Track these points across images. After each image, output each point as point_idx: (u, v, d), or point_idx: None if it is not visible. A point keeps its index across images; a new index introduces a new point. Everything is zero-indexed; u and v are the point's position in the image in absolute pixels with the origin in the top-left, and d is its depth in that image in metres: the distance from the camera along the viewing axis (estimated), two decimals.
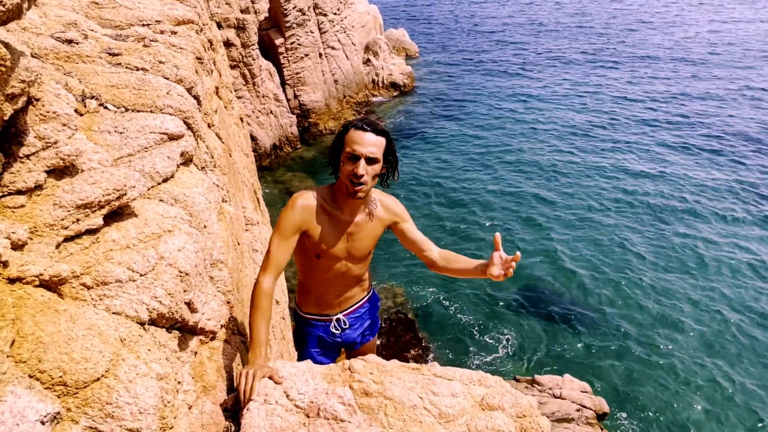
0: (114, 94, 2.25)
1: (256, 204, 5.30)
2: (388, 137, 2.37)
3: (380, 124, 2.40)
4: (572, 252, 12.18)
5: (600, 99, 21.57)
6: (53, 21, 2.55)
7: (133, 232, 1.75)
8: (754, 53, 26.42)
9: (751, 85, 21.63)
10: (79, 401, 1.30)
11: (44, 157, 1.56)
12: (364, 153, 2.26)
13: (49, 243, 1.53)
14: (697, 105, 20.32)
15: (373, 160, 2.29)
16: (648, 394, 8.70)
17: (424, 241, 2.58)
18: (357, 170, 2.26)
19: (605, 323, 10.16)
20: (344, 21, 20.94)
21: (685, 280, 11.14)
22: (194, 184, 2.25)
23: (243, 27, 16.10)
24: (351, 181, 2.29)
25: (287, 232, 2.33)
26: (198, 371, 1.94)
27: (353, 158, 2.28)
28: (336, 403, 1.84)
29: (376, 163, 2.31)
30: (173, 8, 3.50)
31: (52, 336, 1.33)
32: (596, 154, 16.85)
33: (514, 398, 2.06)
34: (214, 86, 4.00)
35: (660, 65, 25.59)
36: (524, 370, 9.23)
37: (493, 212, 13.98)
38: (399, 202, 2.64)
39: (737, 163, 15.87)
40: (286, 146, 18.00)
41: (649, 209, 13.76)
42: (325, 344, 2.80)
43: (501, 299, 10.90)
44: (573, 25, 35.89)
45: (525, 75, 25.24)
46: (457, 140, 18.58)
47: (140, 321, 1.61)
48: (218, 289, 2.22)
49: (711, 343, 9.61)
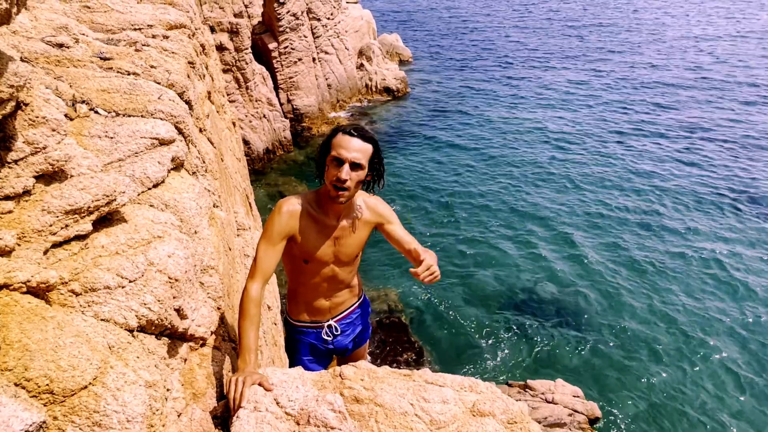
0: (105, 99, 2.24)
1: (248, 209, 5.29)
2: (376, 144, 2.38)
3: (370, 131, 2.40)
4: (565, 257, 12.23)
5: (593, 105, 21.72)
6: (44, 25, 2.53)
7: (123, 238, 1.73)
8: (756, 60, 26.65)
9: (752, 96, 21.75)
10: (66, 409, 1.29)
11: (33, 162, 1.55)
12: (349, 158, 2.26)
13: (37, 249, 1.51)
14: (688, 113, 20.50)
15: (358, 166, 2.29)
16: (640, 398, 8.73)
17: (410, 241, 2.56)
18: (340, 175, 2.25)
19: (598, 328, 10.20)
20: (338, 26, 20.98)
21: (678, 287, 11.21)
22: (185, 190, 2.24)
23: (236, 31, 16.10)
24: (334, 185, 2.29)
25: (274, 238, 2.33)
26: (188, 378, 1.93)
27: (338, 162, 2.28)
28: (326, 410, 1.83)
29: (360, 170, 2.30)
30: (165, 12, 3.50)
31: (39, 343, 1.31)
32: (588, 159, 16.95)
33: (505, 404, 2.05)
34: (206, 91, 3.99)
35: (658, 71, 25.82)
36: (517, 374, 9.24)
37: (484, 216, 14.02)
38: (384, 202, 2.64)
39: (733, 169, 16.02)
40: (279, 150, 17.98)
41: (640, 215, 13.84)
42: (317, 351, 2.79)
43: (494, 304, 10.92)
44: (567, 32, 36.16)
45: (518, 80, 25.38)
46: (450, 144, 18.64)
47: (129, 328, 1.60)
48: (209, 295, 2.20)
49: (704, 348, 9.67)
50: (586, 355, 9.62)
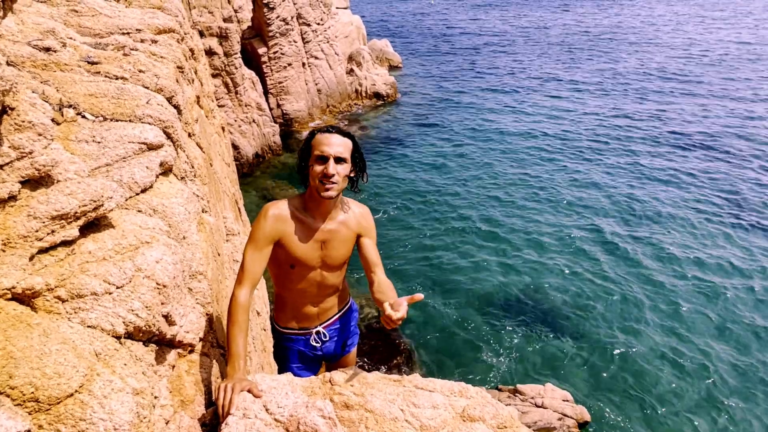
0: (92, 103, 2.22)
1: (237, 214, 5.26)
2: (354, 139, 2.46)
3: (344, 129, 2.48)
4: (554, 263, 12.30)
5: (580, 111, 21.93)
6: (30, 28, 2.51)
7: (110, 244, 1.72)
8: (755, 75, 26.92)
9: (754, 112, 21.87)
10: (51, 418, 1.27)
11: (19, 167, 1.53)
12: (332, 153, 2.33)
13: (23, 255, 1.49)
14: (678, 124, 20.77)
15: (342, 160, 2.36)
16: (629, 402, 8.78)
17: (375, 264, 2.55)
18: (327, 170, 2.31)
19: (587, 332, 10.25)
20: (328, 31, 21.01)
21: (667, 290, 11.31)
22: (173, 195, 2.22)
23: (226, 36, 16.07)
24: (321, 181, 2.33)
25: (261, 242, 2.34)
26: (176, 385, 1.91)
27: (322, 159, 2.34)
28: (316, 417, 1.82)
29: (344, 163, 2.38)
30: (154, 17, 3.48)
31: (24, 351, 1.29)
32: (578, 166, 17.09)
33: (495, 409, 2.06)
34: (195, 95, 3.98)
35: (647, 81, 26.14)
36: (507, 379, 9.26)
37: (472, 222, 14.07)
38: (371, 215, 2.68)
39: (727, 177, 16.24)
40: (269, 155, 17.93)
41: (631, 219, 13.97)
42: (305, 358, 2.77)
43: (484, 309, 10.94)
44: (557, 39, 36.52)
45: (506, 86, 25.57)
46: (438, 150, 18.71)
47: (116, 334, 1.58)
48: (197, 301, 2.19)
49: (694, 351, 9.75)
50: (575, 359, 9.67)
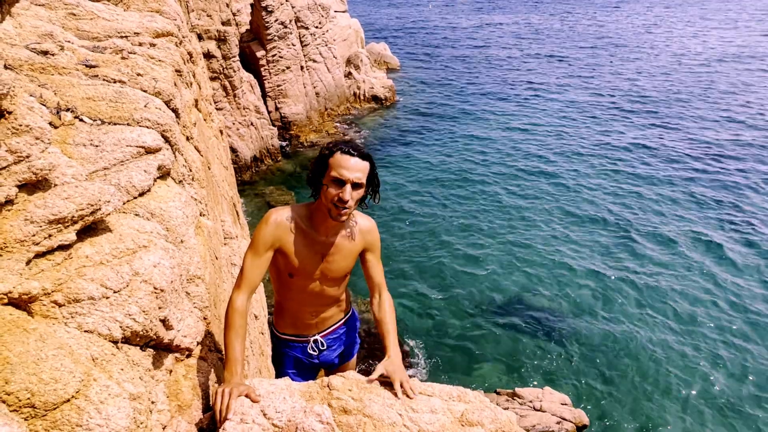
0: (90, 107, 2.22)
1: (235, 217, 5.26)
2: (372, 161, 2.37)
3: (363, 147, 2.38)
4: (553, 267, 12.29)
5: (580, 113, 21.98)
6: (28, 32, 2.51)
7: (108, 248, 1.71)
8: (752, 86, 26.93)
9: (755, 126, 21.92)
10: (47, 424, 1.26)
11: (16, 171, 1.53)
12: (351, 179, 2.24)
13: (19, 259, 1.49)
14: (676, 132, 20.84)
15: (359, 186, 2.28)
16: (628, 406, 8.77)
17: (379, 285, 2.56)
18: (343, 195, 2.23)
19: (586, 336, 10.25)
20: (326, 34, 21.04)
21: (665, 293, 11.31)
22: (171, 198, 2.22)
23: (224, 39, 16.06)
24: (335, 205, 2.26)
25: (261, 248, 2.31)
26: (173, 390, 1.90)
27: (339, 183, 2.25)
28: (314, 422, 1.81)
29: (361, 188, 2.30)
30: (152, 20, 3.48)
31: (21, 356, 1.29)
32: (578, 165, 17.12)
33: (494, 413, 2.05)
34: (193, 99, 3.98)
35: (648, 83, 26.22)
36: (506, 382, 9.24)
37: (471, 225, 14.07)
38: (376, 229, 2.62)
39: (724, 184, 16.29)
40: (267, 158, 17.92)
41: (626, 222, 13.99)
42: (302, 365, 2.76)
43: (483, 313, 10.93)
44: (556, 45, 36.61)
45: (504, 89, 25.61)
46: (436, 152, 18.72)
47: (113, 339, 1.57)
48: (195, 305, 2.18)
49: (693, 355, 9.75)
50: (574, 363, 9.66)
